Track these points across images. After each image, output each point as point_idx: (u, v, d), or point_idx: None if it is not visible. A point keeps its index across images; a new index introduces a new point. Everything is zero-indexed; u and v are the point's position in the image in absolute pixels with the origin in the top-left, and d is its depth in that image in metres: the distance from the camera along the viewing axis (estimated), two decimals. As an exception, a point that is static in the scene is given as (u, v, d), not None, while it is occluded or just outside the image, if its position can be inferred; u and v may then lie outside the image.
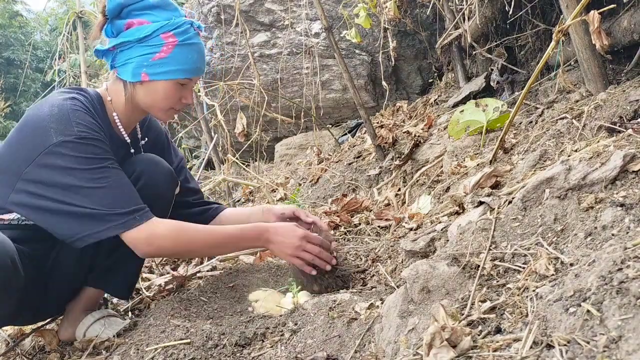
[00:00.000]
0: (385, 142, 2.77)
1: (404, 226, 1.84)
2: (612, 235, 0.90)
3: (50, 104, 1.32)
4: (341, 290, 1.49)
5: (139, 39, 1.37)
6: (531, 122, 1.98)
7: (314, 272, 1.49)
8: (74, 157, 1.26)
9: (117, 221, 1.28)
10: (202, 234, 1.42)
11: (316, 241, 1.49)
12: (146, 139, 1.64)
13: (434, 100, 3.54)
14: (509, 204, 1.25)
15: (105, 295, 1.67)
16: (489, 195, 1.39)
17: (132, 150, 1.55)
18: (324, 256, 1.49)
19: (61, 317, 1.55)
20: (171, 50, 1.38)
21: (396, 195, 2.39)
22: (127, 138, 1.51)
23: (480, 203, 1.36)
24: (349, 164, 3.05)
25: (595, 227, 0.95)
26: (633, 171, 1.07)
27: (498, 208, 1.26)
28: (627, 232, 0.88)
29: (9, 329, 1.71)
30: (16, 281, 1.22)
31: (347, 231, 2.15)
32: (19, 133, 1.32)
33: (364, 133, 3.50)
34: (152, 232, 1.32)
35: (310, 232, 1.52)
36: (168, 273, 1.99)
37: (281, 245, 1.47)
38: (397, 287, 1.35)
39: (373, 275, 1.61)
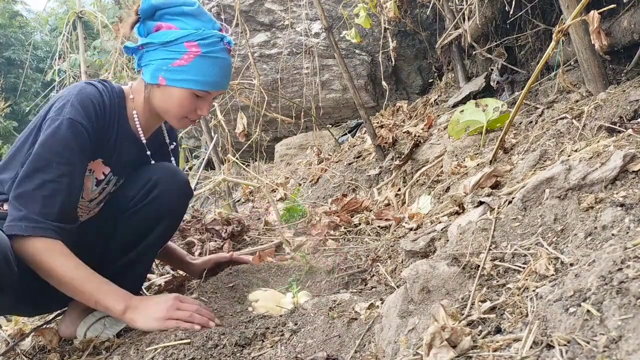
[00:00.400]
0: (385, 142, 2.77)
1: (404, 226, 1.84)
2: (612, 235, 0.90)
3: (71, 87, 1.37)
4: (341, 291, 1.49)
5: (163, 42, 1.37)
6: (531, 122, 1.98)
7: (197, 327, 1.28)
8: (48, 138, 1.28)
9: (17, 222, 1.24)
10: (67, 269, 1.27)
11: (190, 301, 1.36)
12: (174, 144, 1.65)
13: (434, 100, 3.55)
14: (509, 204, 1.25)
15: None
16: (489, 195, 1.39)
17: (149, 153, 1.53)
18: (203, 313, 1.33)
19: (61, 315, 1.56)
20: (192, 59, 1.37)
21: (396, 195, 2.39)
22: (143, 139, 1.50)
23: (480, 203, 1.36)
24: (349, 164, 3.05)
25: (595, 227, 0.95)
26: (633, 171, 1.07)
27: (498, 208, 1.26)
28: (627, 232, 0.88)
29: (9, 329, 1.71)
30: (9, 278, 1.21)
31: (347, 231, 2.15)
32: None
33: (364, 133, 3.50)
34: (25, 243, 1.25)
35: (183, 296, 1.39)
36: (168, 273, 1.99)
37: (150, 311, 1.30)
38: (397, 287, 1.35)
39: (373, 275, 1.61)
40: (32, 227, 1.24)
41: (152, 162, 1.55)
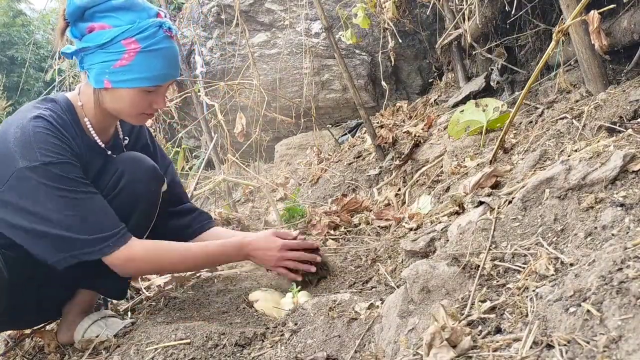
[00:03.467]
0: (385, 142, 2.77)
1: (404, 226, 1.84)
2: (612, 235, 0.90)
3: (15, 125, 1.28)
4: (341, 291, 1.49)
5: (99, 45, 1.30)
6: (531, 122, 1.98)
7: (299, 278, 1.53)
8: (40, 183, 1.23)
9: (89, 248, 1.27)
10: (180, 254, 1.42)
11: (296, 246, 1.52)
12: (127, 139, 1.58)
13: (434, 100, 3.55)
14: (509, 204, 1.25)
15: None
16: (489, 195, 1.39)
17: (110, 153, 1.49)
18: (306, 258, 1.51)
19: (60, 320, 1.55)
20: (133, 57, 1.30)
21: (396, 195, 2.39)
22: (100, 143, 1.45)
23: (480, 203, 1.36)
24: (349, 164, 3.05)
25: (595, 227, 0.95)
26: (633, 171, 1.07)
27: (498, 208, 1.26)
28: (627, 232, 0.88)
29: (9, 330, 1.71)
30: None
31: (347, 231, 2.15)
32: None
33: (364, 133, 3.50)
34: (128, 256, 1.32)
35: (289, 240, 1.54)
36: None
37: (263, 258, 1.50)
38: (397, 287, 1.35)
39: (373, 275, 1.61)
40: (107, 246, 1.29)
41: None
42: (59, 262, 1.28)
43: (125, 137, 1.59)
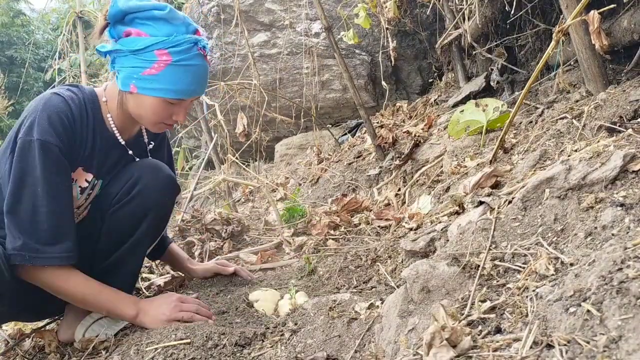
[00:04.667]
0: (385, 142, 2.77)
1: (404, 226, 1.84)
2: (612, 235, 0.90)
3: (38, 98, 1.34)
4: (341, 291, 1.49)
5: (132, 50, 1.33)
6: (531, 122, 1.98)
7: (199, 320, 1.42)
8: (23, 158, 1.27)
9: (18, 251, 1.26)
10: (77, 287, 1.36)
11: (191, 301, 1.44)
12: (152, 143, 1.62)
13: (434, 100, 3.55)
14: (509, 204, 1.25)
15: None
16: (489, 195, 1.39)
17: (130, 152, 1.52)
18: (202, 312, 1.42)
19: (61, 318, 1.55)
20: (162, 68, 1.33)
21: (396, 195, 2.39)
22: (121, 140, 1.48)
23: (480, 203, 1.36)
24: (349, 164, 3.05)
25: (595, 227, 0.95)
26: (633, 171, 1.07)
27: (498, 208, 1.26)
28: (627, 232, 0.88)
29: (9, 329, 1.71)
30: (2, 285, 1.24)
31: (347, 231, 2.15)
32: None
33: (364, 133, 3.50)
34: (30, 273, 1.30)
35: (184, 296, 1.49)
36: (168, 273, 1.99)
37: (156, 312, 1.39)
38: (397, 287, 1.35)
39: (373, 275, 1.61)
40: (34, 258, 1.27)
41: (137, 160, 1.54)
42: (13, 256, 1.27)
43: (151, 142, 1.62)
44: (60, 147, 1.30)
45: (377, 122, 3.28)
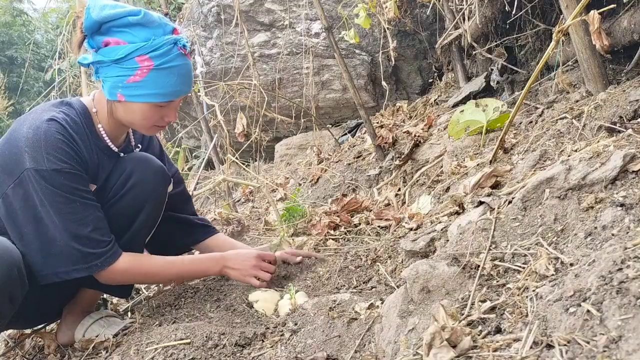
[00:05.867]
0: (385, 142, 2.77)
1: (404, 226, 1.83)
2: (612, 235, 0.90)
3: (28, 124, 1.31)
4: (341, 291, 1.49)
5: (113, 60, 1.32)
6: (531, 122, 1.98)
7: (264, 286, 1.60)
8: (44, 188, 1.26)
9: (76, 265, 1.30)
10: (159, 268, 1.49)
11: (271, 258, 1.63)
12: (139, 146, 1.63)
13: (434, 100, 3.54)
14: (509, 204, 1.25)
15: (105, 295, 1.67)
16: (489, 195, 1.39)
17: (122, 155, 1.53)
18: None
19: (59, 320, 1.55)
20: (146, 74, 1.32)
21: (396, 195, 2.39)
22: (114, 148, 1.48)
23: (480, 203, 1.36)
24: (349, 164, 3.05)
25: (595, 227, 0.95)
26: (633, 171, 1.07)
27: (498, 208, 1.26)
28: (627, 232, 0.88)
29: (9, 330, 1.71)
30: (21, 290, 1.24)
31: (347, 231, 2.15)
32: (2, 148, 1.32)
33: (364, 133, 3.50)
34: (112, 270, 1.36)
35: (263, 253, 1.65)
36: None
37: (239, 267, 1.58)
38: (397, 287, 1.35)
39: (373, 275, 1.61)
40: (95, 265, 1.32)
41: None
42: (45, 277, 1.29)
43: (138, 145, 1.63)
44: (75, 167, 1.32)
45: (377, 122, 3.28)
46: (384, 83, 3.79)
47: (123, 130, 1.51)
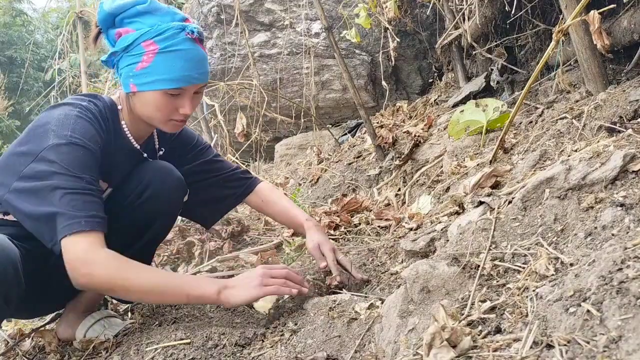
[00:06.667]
0: (385, 142, 2.77)
1: (404, 226, 1.84)
2: (612, 235, 0.90)
3: (62, 108, 1.31)
4: (342, 290, 1.49)
5: (123, 48, 1.32)
6: (531, 122, 1.98)
7: (294, 292, 1.32)
8: (60, 159, 1.21)
9: (67, 222, 1.17)
10: (143, 277, 1.23)
11: (279, 267, 1.36)
12: (163, 149, 1.62)
13: (434, 100, 3.55)
14: (509, 204, 1.25)
15: (105, 295, 1.67)
16: (489, 195, 1.39)
17: (145, 155, 1.53)
18: (293, 278, 1.34)
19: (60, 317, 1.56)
20: (152, 59, 1.30)
21: (396, 195, 2.39)
22: (137, 145, 1.47)
23: (480, 203, 1.36)
24: (349, 164, 3.05)
25: (595, 227, 0.95)
26: (633, 171, 1.07)
27: (498, 208, 1.26)
28: (627, 232, 0.88)
29: (9, 329, 1.71)
30: (17, 290, 1.20)
31: (347, 231, 2.15)
32: (28, 132, 1.30)
33: (364, 133, 3.50)
34: (92, 256, 1.18)
35: (270, 266, 1.37)
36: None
37: (242, 284, 1.28)
38: (397, 287, 1.35)
39: (373, 275, 1.60)
40: (76, 222, 1.17)
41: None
42: (57, 243, 1.19)
43: (161, 148, 1.62)
44: (95, 152, 1.29)
45: (377, 122, 3.28)
46: (384, 83, 3.79)
47: (146, 129, 1.49)
